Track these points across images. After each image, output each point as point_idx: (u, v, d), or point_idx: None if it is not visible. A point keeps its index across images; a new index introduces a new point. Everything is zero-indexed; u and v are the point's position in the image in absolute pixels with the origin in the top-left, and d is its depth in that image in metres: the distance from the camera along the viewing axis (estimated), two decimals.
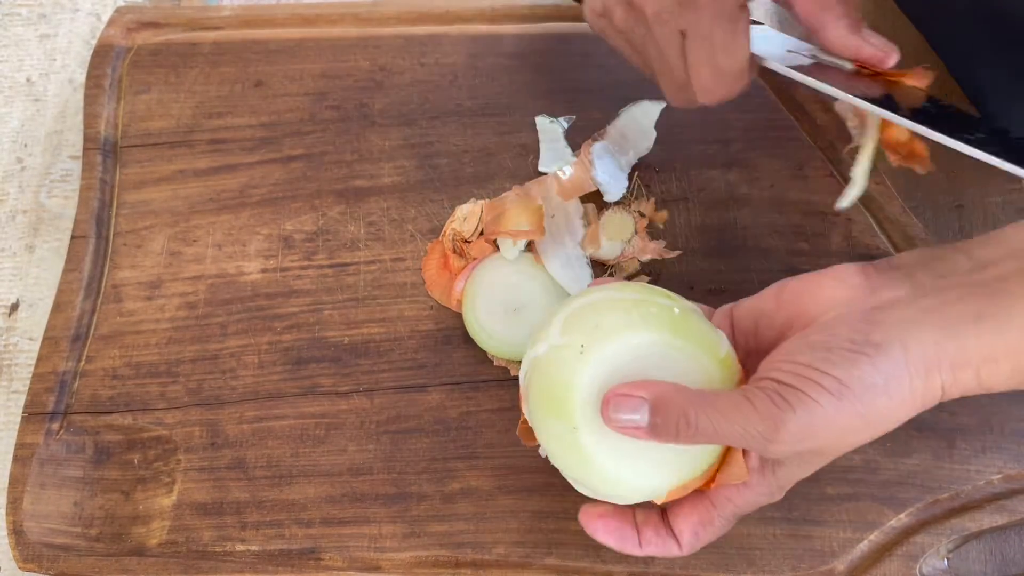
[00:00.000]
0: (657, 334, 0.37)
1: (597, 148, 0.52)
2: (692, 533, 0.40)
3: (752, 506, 0.39)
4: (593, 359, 0.37)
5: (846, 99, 0.42)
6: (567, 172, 0.52)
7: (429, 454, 0.47)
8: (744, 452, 0.38)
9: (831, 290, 0.38)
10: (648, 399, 0.36)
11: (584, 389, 0.37)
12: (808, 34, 0.44)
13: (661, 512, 0.41)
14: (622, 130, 0.53)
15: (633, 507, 0.41)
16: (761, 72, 0.45)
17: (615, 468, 0.38)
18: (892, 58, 0.43)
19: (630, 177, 0.53)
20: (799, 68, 0.44)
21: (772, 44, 0.45)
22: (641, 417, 0.36)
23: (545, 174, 0.53)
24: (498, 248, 0.50)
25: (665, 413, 0.36)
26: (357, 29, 0.60)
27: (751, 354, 0.40)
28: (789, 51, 0.45)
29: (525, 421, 0.41)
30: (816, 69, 0.44)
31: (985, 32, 0.53)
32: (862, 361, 0.35)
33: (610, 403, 0.37)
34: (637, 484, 0.38)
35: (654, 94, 0.54)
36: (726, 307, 0.42)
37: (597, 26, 0.48)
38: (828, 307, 0.38)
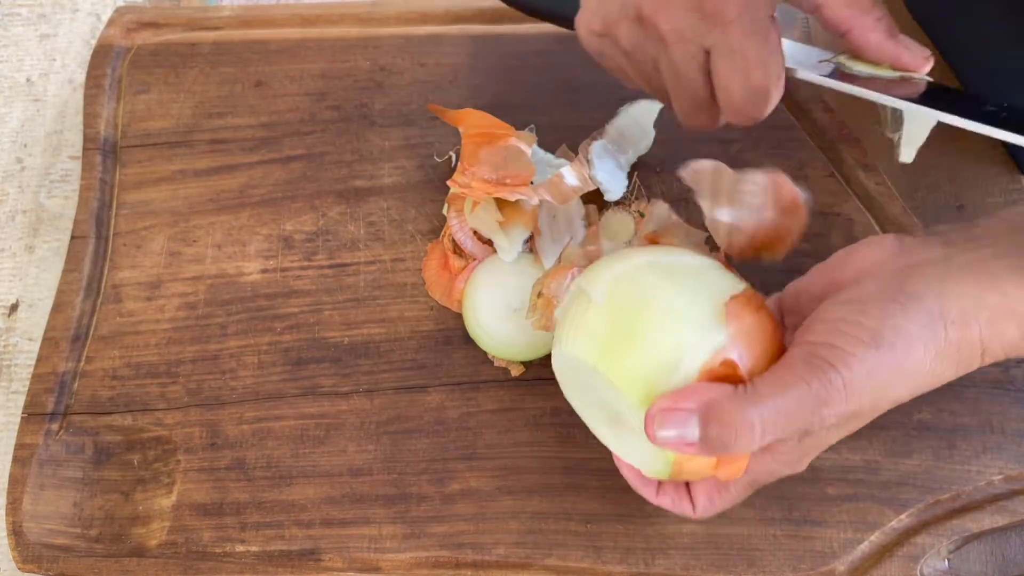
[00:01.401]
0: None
1: (596, 147, 0.52)
2: (707, 498, 0.40)
3: (772, 476, 0.39)
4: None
5: (894, 103, 0.41)
6: (567, 176, 0.51)
7: (429, 455, 0.47)
8: None
9: (864, 255, 0.38)
10: (696, 409, 0.34)
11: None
12: (837, 40, 0.43)
13: None
14: (621, 129, 0.53)
15: None
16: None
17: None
18: (929, 62, 0.42)
19: (629, 176, 0.53)
20: (831, 77, 0.43)
21: (800, 55, 0.45)
22: (691, 432, 0.34)
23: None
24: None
25: (719, 420, 0.34)
26: (357, 29, 0.60)
27: (794, 330, 0.39)
28: (820, 61, 0.44)
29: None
30: (849, 77, 0.43)
31: (986, 25, 0.53)
32: (893, 309, 0.34)
33: (655, 419, 0.35)
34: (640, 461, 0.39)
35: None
36: (776, 295, 0.41)
37: (594, 46, 0.46)
38: (862, 269, 0.37)
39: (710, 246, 0.40)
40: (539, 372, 0.49)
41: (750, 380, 0.35)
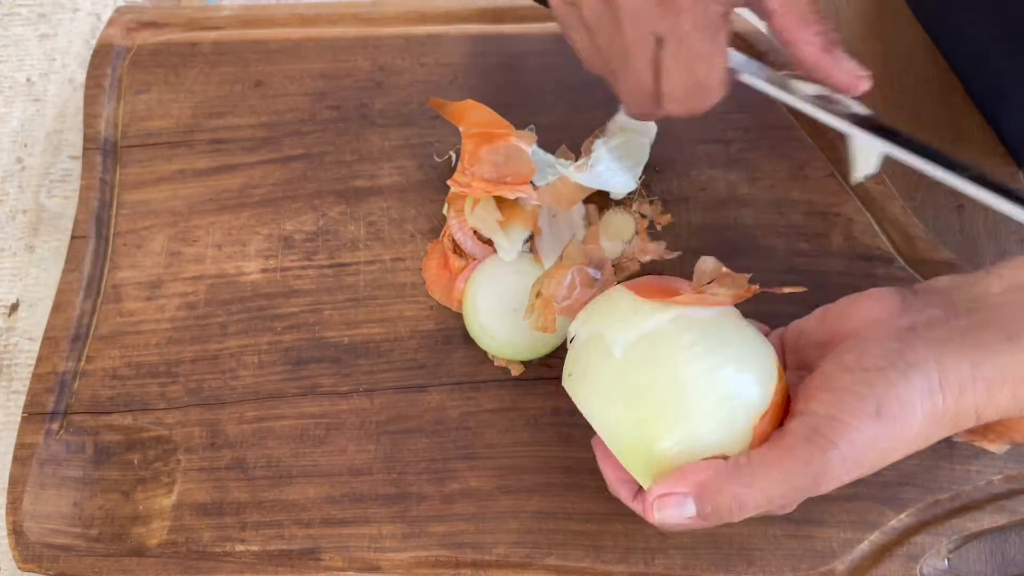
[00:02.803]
0: None
1: (599, 145, 0.52)
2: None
3: (759, 512, 0.39)
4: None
5: (834, 123, 0.41)
6: (572, 175, 0.51)
7: (429, 454, 0.47)
8: None
9: (867, 309, 0.39)
10: (690, 492, 0.36)
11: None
12: (782, 49, 0.42)
13: None
14: (623, 126, 0.53)
15: None
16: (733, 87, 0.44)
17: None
18: (864, 84, 0.40)
19: (640, 173, 0.53)
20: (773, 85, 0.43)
21: (753, 66, 0.44)
22: (688, 511, 0.36)
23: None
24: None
25: (713, 500, 0.36)
26: (357, 29, 0.60)
27: (794, 370, 0.41)
28: (771, 74, 0.44)
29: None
30: (793, 90, 0.43)
31: (995, 32, 0.53)
32: (897, 380, 0.35)
33: (653, 506, 0.37)
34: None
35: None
36: (779, 330, 0.43)
37: (563, 16, 0.44)
38: (863, 324, 0.38)
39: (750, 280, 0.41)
40: (539, 372, 0.49)
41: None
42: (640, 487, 0.40)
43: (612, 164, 0.52)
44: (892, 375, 0.35)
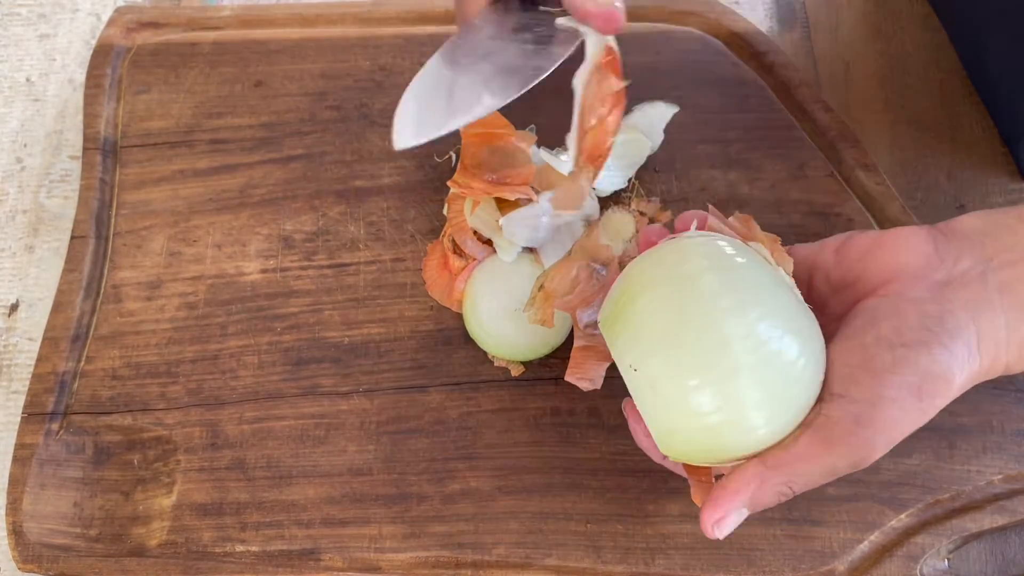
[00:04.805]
0: None
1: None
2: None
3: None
4: None
5: None
6: (558, 165, 0.51)
7: (429, 455, 0.47)
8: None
9: (899, 256, 0.37)
10: (742, 505, 0.37)
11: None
12: None
13: None
14: (633, 125, 0.53)
15: None
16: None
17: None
18: (617, 22, 0.40)
19: (631, 174, 0.53)
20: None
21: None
22: (741, 519, 0.37)
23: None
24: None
25: (761, 505, 0.37)
26: (357, 29, 0.60)
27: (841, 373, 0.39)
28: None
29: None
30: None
31: (1006, 26, 0.52)
32: (940, 354, 0.35)
33: (712, 529, 0.37)
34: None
35: (661, 96, 0.54)
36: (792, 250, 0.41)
37: None
38: (894, 274, 0.37)
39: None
40: (539, 372, 0.49)
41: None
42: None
43: (608, 161, 0.52)
44: (936, 350, 0.34)
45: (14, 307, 0.54)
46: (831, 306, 0.39)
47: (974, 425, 0.47)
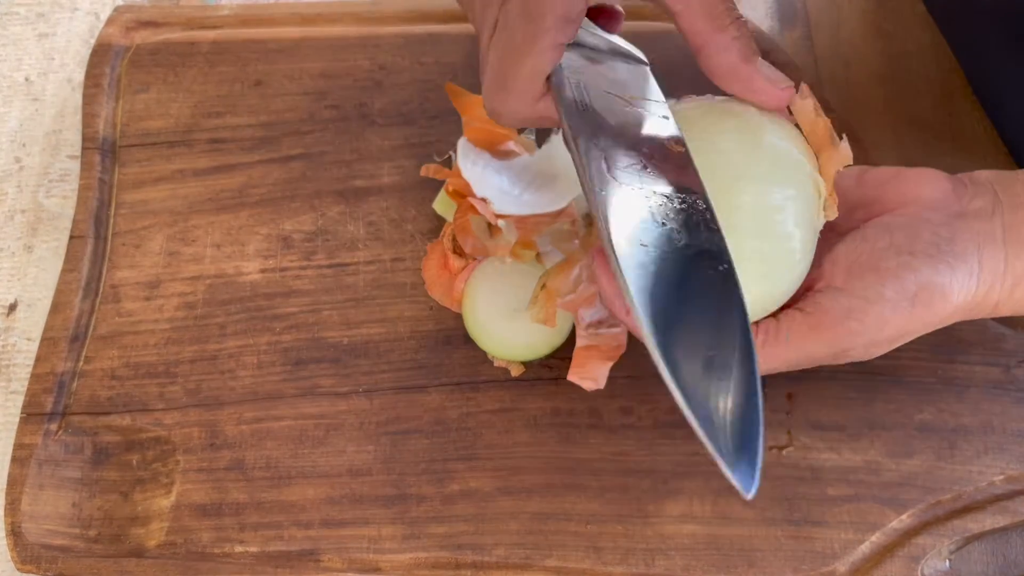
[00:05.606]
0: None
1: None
2: None
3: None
4: None
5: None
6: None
7: (429, 455, 0.47)
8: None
9: (920, 187, 0.39)
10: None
11: None
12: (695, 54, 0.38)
13: None
14: None
15: None
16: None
17: None
18: (787, 96, 0.36)
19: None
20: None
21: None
22: None
23: None
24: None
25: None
26: (357, 29, 0.60)
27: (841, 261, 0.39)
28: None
29: None
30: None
31: (1007, 33, 0.52)
32: (943, 268, 0.36)
33: None
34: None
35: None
36: None
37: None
38: (914, 199, 0.39)
39: None
40: (539, 373, 0.49)
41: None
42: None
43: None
44: (940, 265, 0.36)
45: (13, 307, 0.54)
46: (841, 223, 0.40)
47: (975, 425, 0.47)
